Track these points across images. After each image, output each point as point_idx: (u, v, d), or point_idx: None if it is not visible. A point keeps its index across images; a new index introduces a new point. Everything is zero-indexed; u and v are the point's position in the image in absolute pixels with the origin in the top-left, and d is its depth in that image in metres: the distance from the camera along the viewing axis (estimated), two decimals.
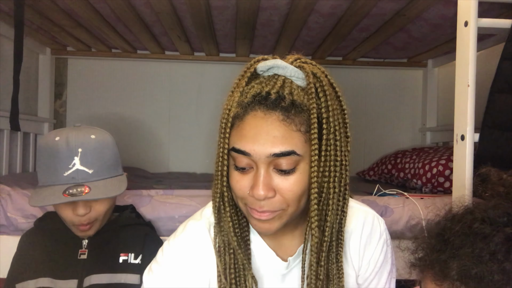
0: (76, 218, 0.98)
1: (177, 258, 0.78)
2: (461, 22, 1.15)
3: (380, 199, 1.35)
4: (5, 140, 1.84)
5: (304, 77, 0.69)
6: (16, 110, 1.49)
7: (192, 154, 2.53)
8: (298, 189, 0.68)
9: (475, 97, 1.12)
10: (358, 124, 2.58)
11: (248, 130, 0.67)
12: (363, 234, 0.82)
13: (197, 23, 1.78)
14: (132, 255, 1.04)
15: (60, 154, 0.95)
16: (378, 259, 0.82)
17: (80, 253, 1.03)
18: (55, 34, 2.03)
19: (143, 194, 1.29)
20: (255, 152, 0.66)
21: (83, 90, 2.48)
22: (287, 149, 0.65)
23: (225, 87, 0.76)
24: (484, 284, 0.58)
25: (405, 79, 2.61)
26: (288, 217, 0.70)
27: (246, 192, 0.68)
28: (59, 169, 0.95)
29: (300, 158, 0.67)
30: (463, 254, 0.60)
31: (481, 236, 0.60)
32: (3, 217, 1.23)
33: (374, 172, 2.24)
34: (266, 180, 0.66)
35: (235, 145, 0.68)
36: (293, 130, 0.66)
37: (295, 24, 1.75)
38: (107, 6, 1.59)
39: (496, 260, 0.59)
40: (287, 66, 0.68)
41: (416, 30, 1.80)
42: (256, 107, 0.67)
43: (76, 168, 0.95)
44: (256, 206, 0.68)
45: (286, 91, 0.66)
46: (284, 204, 0.68)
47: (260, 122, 0.66)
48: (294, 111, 0.66)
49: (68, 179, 0.95)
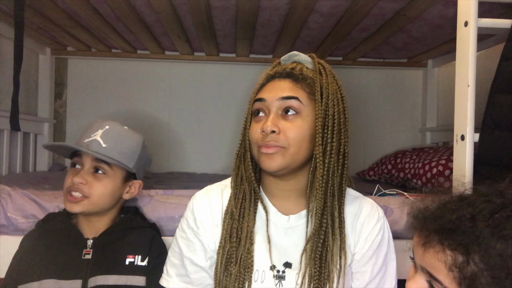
0: (71, 184, 1.03)
1: (197, 209, 0.96)
2: (461, 22, 1.15)
3: (380, 199, 1.34)
4: (5, 140, 1.84)
5: (312, 63, 0.93)
6: (16, 110, 1.49)
7: (192, 154, 2.53)
8: (299, 131, 0.86)
9: (475, 97, 1.12)
10: (358, 124, 2.58)
11: (267, 87, 0.91)
12: (361, 215, 0.94)
13: (197, 23, 1.78)
14: (139, 257, 1.05)
15: (92, 126, 1.08)
16: (375, 239, 0.93)
17: (85, 253, 1.03)
18: (55, 34, 2.03)
19: (143, 194, 1.29)
20: (268, 97, 0.88)
21: (83, 90, 2.48)
22: (292, 95, 0.87)
23: (225, 87, 0.87)
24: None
25: (405, 79, 2.61)
26: (289, 157, 0.86)
27: (260, 134, 0.87)
28: (83, 137, 1.06)
29: (302, 107, 0.87)
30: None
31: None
32: (3, 217, 1.23)
33: (374, 172, 2.24)
34: (274, 119, 0.86)
35: (256, 97, 0.91)
36: (299, 88, 0.89)
37: (295, 24, 1.76)
38: (107, 6, 1.59)
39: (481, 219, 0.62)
40: (300, 53, 0.95)
41: (416, 30, 1.80)
42: (275, 77, 0.92)
43: (95, 138, 1.05)
44: (265, 141, 0.86)
45: (297, 68, 0.91)
46: (286, 142, 0.86)
47: (276, 82, 0.91)
48: (301, 78, 0.89)
49: (84, 145, 1.04)
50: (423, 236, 0.68)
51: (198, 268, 0.95)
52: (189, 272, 0.95)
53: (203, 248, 0.94)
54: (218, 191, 0.98)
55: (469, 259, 0.61)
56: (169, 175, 2.32)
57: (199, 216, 0.95)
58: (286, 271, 0.90)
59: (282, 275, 0.90)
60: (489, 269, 0.60)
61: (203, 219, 0.95)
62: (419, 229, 0.69)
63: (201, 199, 0.97)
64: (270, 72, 0.93)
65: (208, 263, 0.95)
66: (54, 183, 1.63)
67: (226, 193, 0.97)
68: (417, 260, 0.69)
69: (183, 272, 0.96)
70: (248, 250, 0.89)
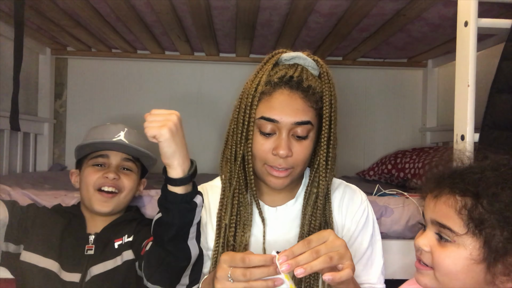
0: (101, 181, 1.07)
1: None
2: (461, 22, 1.15)
3: (380, 199, 1.34)
4: (5, 140, 1.84)
5: (317, 68, 0.91)
6: (16, 110, 1.48)
7: (192, 154, 2.51)
8: (307, 152, 0.89)
9: (475, 97, 1.12)
10: (358, 124, 2.58)
11: (277, 103, 0.86)
12: (345, 198, 0.99)
13: (197, 23, 1.78)
14: (125, 236, 1.08)
15: (109, 129, 1.13)
16: (360, 220, 0.97)
17: (87, 249, 1.06)
18: (55, 34, 2.03)
19: (143, 194, 1.29)
20: (282, 120, 0.86)
21: (83, 90, 2.47)
22: (306, 119, 0.86)
23: (225, 87, 0.86)
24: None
25: (405, 79, 2.61)
26: (294, 175, 0.90)
27: (269, 153, 0.87)
28: (106, 138, 1.10)
29: (311, 128, 0.88)
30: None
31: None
32: None
33: (374, 172, 2.24)
34: (287, 142, 0.86)
35: (264, 114, 0.87)
36: (309, 106, 0.87)
37: (295, 24, 1.75)
38: (107, 6, 1.59)
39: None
40: (306, 58, 0.90)
41: (416, 30, 1.80)
42: (283, 86, 0.87)
43: (120, 138, 1.11)
44: (276, 163, 0.87)
45: (304, 76, 0.87)
46: (295, 163, 0.88)
47: (286, 97, 0.86)
48: (310, 92, 0.87)
49: (112, 144, 1.11)
50: (435, 191, 0.73)
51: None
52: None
53: None
54: (203, 190, 0.99)
55: (478, 203, 0.66)
56: None
57: None
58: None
59: None
60: (495, 213, 0.65)
61: None
62: (432, 188, 0.74)
63: None
64: (274, 79, 0.87)
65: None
66: (54, 183, 1.63)
67: (212, 192, 1.00)
68: (427, 216, 0.74)
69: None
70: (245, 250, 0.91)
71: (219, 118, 2.50)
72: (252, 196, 0.94)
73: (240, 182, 0.92)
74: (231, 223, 0.92)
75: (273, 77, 0.88)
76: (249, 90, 0.89)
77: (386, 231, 1.29)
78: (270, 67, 0.90)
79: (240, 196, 0.93)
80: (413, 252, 0.75)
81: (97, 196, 1.07)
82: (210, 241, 0.96)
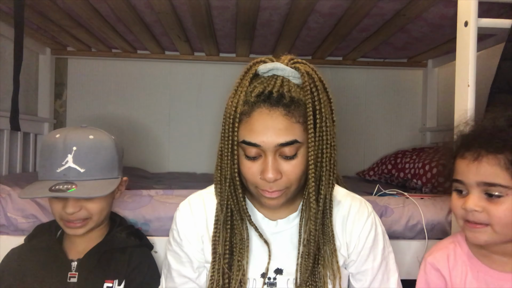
0: (65, 214, 0.98)
1: (180, 221, 0.94)
2: (461, 22, 1.15)
3: (380, 199, 1.34)
4: (5, 140, 1.84)
5: (299, 76, 0.80)
6: (16, 110, 1.48)
7: (192, 154, 2.53)
8: (299, 170, 0.80)
9: (475, 97, 1.12)
10: (358, 124, 2.58)
11: (257, 125, 0.78)
12: (351, 214, 0.92)
13: (197, 23, 1.78)
14: (116, 281, 1.02)
15: (57, 150, 0.97)
16: (369, 236, 0.92)
17: (70, 276, 1.00)
18: (55, 34, 2.03)
19: (143, 194, 1.28)
20: (264, 143, 0.77)
21: (83, 90, 2.48)
22: (291, 139, 0.77)
23: (225, 87, 0.81)
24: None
25: (405, 79, 2.61)
26: (291, 193, 0.83)
27: (257, 177, 0.80)
28: (54, 164, 0.97)
29: (300, 145, 0.79)
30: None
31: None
32: (3, 217, 1.23)
33: (374, 172, 2.24)
34: (274, 165, 0.78)
35: (245, 138, 0.79)
36: (294, 122, 0.77)
37: (295, 24, 1.75)
38: (107, 6, 1.59)
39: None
40: (285, 68, 0.80)
41: (416, 30, 1.80)
42: (261, 104, 0.78)
43: (69, 165, 0.96)
44: (267, 187, 0.80)
45: (285, 89, 0.77)
46: (288, 183, 0.81)
47: (266, 117, 0.77)
48: (293, 106, 0.77)
49: (60, 175, 0.96)
50: (473, 153, 0.78)
51: (186, 279, 0.94)
52: (178, 284, 0.94)
53: (189, 260, 0.93)
54: (199, 201, 0.94)
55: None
56: (169, 175, 2.32)
57: (182, 229, 0.93)
58: (277, 277, 0.89)
59: (274, 282, 0.89)
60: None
61: (186, 232, 0.93)
62: (467, 148, 0.80)
63: (184, 211, 0.94)
64: (251, 99, 0.78)
65: (196, 274, 0.94)
66: None
67: (209, 202, 0.93)
68: (470, 179, 0.79)
69: (171, 285, 0.95)
70: (242, 278, 0.87)
71: (219, 118, 2.49)
72: (248, 222, 0.88)
73: (232, 207, 0.86)
74: (225, 252, 0.86)
75: (251, 95, 0.79)
76: (230, 111, 0.80)
77: (386, 231, 1.29)
78: (247, 83, 0.80)
79: (234, 220, 0.87)
80: (413, 252, 0.75)
81: (67, 224, 1.00)
82: (207, 254, 0.91)
